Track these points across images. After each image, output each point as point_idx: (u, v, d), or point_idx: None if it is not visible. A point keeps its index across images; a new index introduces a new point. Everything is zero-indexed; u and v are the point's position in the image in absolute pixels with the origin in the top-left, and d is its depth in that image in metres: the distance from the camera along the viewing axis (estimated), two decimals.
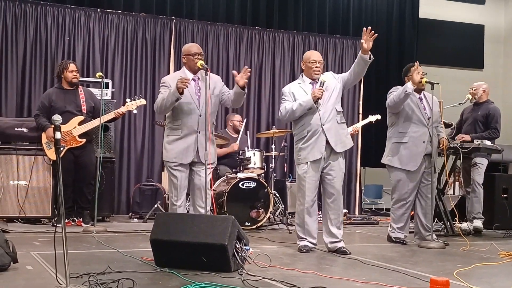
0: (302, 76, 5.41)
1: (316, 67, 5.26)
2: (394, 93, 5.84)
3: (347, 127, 8.30)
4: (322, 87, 5.14)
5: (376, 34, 5.05)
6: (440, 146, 6.04)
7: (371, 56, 5.12)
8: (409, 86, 5.69)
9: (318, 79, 5.23)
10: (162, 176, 8.42)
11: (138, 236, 6.12)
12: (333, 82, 5.33)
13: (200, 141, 5.03)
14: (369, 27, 5.06)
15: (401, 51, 10.62)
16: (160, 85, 5.24)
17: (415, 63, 5.93)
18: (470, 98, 7.19)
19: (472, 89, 7.24)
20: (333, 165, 5.22)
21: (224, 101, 5.27)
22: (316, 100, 5.07)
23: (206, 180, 4.95)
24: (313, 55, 5.34)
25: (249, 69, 5.02)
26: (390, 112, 6.06)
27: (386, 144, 6.11)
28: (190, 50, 5.15)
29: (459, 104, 7.22)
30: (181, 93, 4.85)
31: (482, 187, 7.02)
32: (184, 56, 5.18)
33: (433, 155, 5.84)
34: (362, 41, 5.06)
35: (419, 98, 5.95)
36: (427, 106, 5.92)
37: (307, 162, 5.19)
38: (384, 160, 6.08)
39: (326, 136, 5.16)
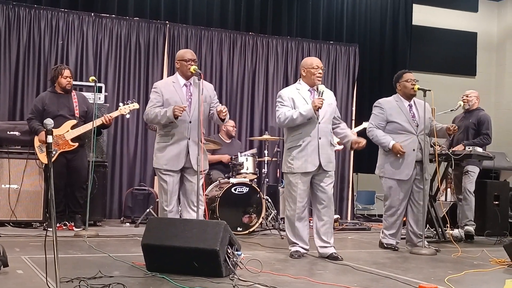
0: (300, 82, 5.38)
1: (319, 73, 5.23)
2: (377, 134, 5.92)
3: None
4: (322, 96, 5.14)
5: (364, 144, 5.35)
6: (451, 129, 5.99)
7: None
8: (389, 146, 5.79)
9: (317, 87, 5.23)
10: (154, 180, 8.39)
11: (129, 241, 6.11)
12: (334, 102, 5.40)
13: (191, 148, 5.07)
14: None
15: (394, 57, 10.66)
16: (152, 90, 5.27)
17: (407, 73, 5.99)
18: (462, 105, 7.22)
19: (467, 96, 7.26)
20: (326, 173, 5.23)
21: (210, 114, 5.31)
22: (316, 109, 5.07)
23: (198, 185, 4.96)
24: (315, 61, 5.29)
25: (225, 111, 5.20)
26: None
27: (378, 153, 6.12)
28: (183, 56, 5.20)
29: (451, 111, 7.24)
30: (176, 118, 4.96)
31: (474, 195, 7.04)
32: (178, 62, 5.23)
33: (424, 162, 5.85)
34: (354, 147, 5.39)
35: (408, 105, 5.96)
36: (417, 113, 5.93)
37: (299, 172, 5.19)
38: (378, 172, 6.08)
39: (319, 150, 5.17)
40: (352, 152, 9.86)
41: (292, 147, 5.25)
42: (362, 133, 8.42)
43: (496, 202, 7.62)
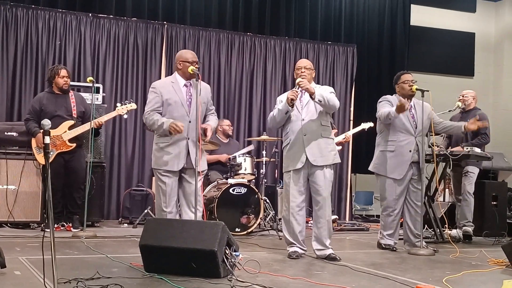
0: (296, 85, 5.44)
1: (302, 72, 5.26)
2: (382, 110, 5.83)
3: (340, 135, 8.40)
4: (298, 89, 5.16)
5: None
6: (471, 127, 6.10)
7: (315, 96, 5.10)
8: (392, 112, 5.68)
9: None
10: (152, 181, 8.38)
11: (127, 242, 6.10)
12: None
13: (190, 147, 5.04)
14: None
15: (392, 58, 10.67)
16: (150, 89, 5.23)
17: (405, 74, 5.99)
18: (460, 106, 7.21)
19: (463, 96, 7.26)
20: (317, 173, 5.22)
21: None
22: (289, 101, 5.09)
23: (196, 185, 4.94)
24: (300, 62, 5.40)
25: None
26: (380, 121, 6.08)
27: (375, 150, 6.12)
28: (187, 57, 5.13)
29: (449, 111, 7.24)
30: (170, 134, 4.95)
31: (473, 196, 7.04)
32: (180, 62, 5.14)
33: (421, 163, 5.85)
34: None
35: (408, 105, 5.95)
36: (416, 114, 5.92)
37: (290, 170, 5.22)
38: (371, 167, 6.10)
39: (305, 147, 5.17)
40: (350, 153, 9.86)
41: (284, 146, 5.37)
42: (360, 135, 8.44)
43: (494, 203, 7.63)
